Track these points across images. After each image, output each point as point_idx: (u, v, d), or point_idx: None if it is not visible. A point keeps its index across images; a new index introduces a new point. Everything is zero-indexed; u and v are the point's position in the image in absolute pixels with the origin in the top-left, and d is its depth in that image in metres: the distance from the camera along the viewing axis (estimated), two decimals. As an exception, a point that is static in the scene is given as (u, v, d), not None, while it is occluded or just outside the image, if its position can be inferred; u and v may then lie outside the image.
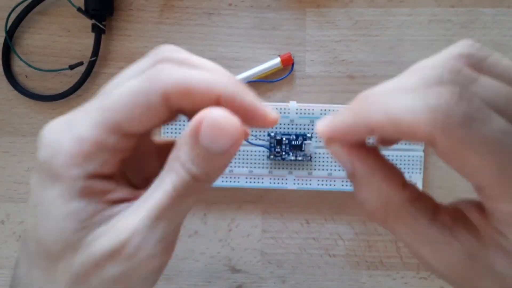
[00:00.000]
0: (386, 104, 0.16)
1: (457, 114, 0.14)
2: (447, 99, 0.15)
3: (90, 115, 0.17)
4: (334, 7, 0.33)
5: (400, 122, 0.15)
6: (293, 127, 0.31)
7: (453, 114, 0.14)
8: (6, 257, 0.33)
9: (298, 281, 0.32)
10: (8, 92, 0.34)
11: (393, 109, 0.16)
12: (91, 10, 0.32)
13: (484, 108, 0.15)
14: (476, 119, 0.15)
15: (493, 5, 0.33)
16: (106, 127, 0.17)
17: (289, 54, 0.32)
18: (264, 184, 0.31)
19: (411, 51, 0.33)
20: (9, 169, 0.33)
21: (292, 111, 0.31)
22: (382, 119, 0.16)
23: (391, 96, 0.16)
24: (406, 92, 0.16)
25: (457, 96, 0.15)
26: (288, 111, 0.31)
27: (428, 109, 0.15)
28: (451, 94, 0.15)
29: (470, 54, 0.16)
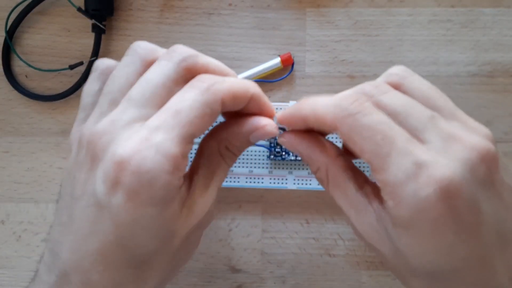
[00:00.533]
0: (313, 103, 0.23)
1: (349, 109, 0.21)
2: (347, 101, 0.21)
3: (171, 134, 0.20)
4: (334, 7, 0.33)
5: (317, 114, 0.22)
6: None
7: (346, 109, 0.21)
8: (6, 257, 0.33)
9: (298, 281, 0.32)
10: (8, 92, 0.34)
11: (316, 106, 0.22)
12: (91, 10, 0.32)
13: (369, 107, 0.21)
14: (360, 112, 0.21)
15: (493, 5, 0.33)
16: (186, 140, 0.21)
17: (289, 54, 0.32)
18: (264, 184, 0.31)
19: (411, 51, 0.33)
20: (9, 169, 0.33)
21: (292, 111, 0.31)
22: (309, 112, 0.23)
23: (319, 99, 0.23)
24: (329, 98, 0.22)
25: (354, 99, 0.21)
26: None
27: (333, 106, 0.22)
28: (350, 99, 0.21)
29: (395, 75, 0.23)
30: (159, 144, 0.20)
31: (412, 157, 0.20)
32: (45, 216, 0.33)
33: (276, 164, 0.31)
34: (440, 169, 0.19)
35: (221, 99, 0.21)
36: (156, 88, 0.21)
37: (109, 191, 0.20)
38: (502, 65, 0.33)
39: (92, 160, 0.21)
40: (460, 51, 0.33)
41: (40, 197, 0.33)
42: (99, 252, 0.20)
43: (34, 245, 0.33)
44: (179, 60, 0.22)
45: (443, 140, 0.20)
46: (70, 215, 0.21)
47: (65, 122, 0.33)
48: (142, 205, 0.20)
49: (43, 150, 0.33)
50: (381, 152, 0.20)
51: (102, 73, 0.24)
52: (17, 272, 0.33)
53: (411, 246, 0.20)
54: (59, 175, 0.33)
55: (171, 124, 0.20)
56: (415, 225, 0.20)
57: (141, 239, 0.21)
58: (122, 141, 0.20)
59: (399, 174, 0.20)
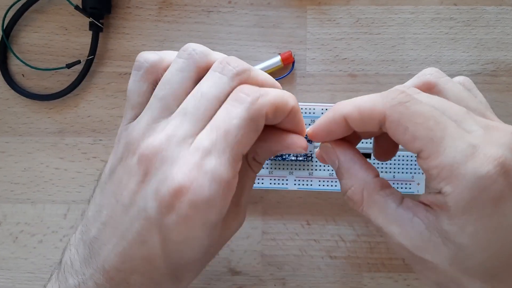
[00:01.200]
0: (354, 101, 0.23)
1: (398, 98, 0.21)
2: (393, 93, 0.22)
3: (222, 158, 0.21)
4: (335, 4, 0.32)
5: (362, 108, 0.22)
6: None
7: (396, 98, 0.21)
8: (3, 258, 0.33)
9: (298, 283, 0.32)
10: (4, 91, 0.33)
11: (359, 101, 0.22)
12: (89, 8, 0.32)
13: (416, 96, 0.22)
14: (410, 101, 0.21)
15: (496, 3, 0.32)
16: (237, 160, 0.21)
17: (290, 53, 0.32)
18: (264, 185, 0.31)
19: (414, 50, 0.32)
20: (6, 169, 0.33)
21: (292, 110, 0.31)
22: (352, 108, 0.22)
23: (358, 98, 0.23)
24: (369, 95, 0.23)
25: (400, 91, 0.22)
26: (289, 111, 0.31)
27: (381, 96, 0.22)
28: (395, 92, 0.22)
29: (429, 75, 0.24)
30: (214, 170, 0.20)
31: (466, 140, 0.20)
32: (42, 217, 0.33)
33: (276, 165, 0.31)
34: (494, 148, 0.20)
35: (265, 113, 0.22)
36: (211, 103, 0.22)
37: (162, 211, 0.21)
38: (505, 63, 0.32)
39: (144, 174, 0.21)
40: (463, 49, 0.32)
41: (37, 197, 0.33)
42: (144, 259, 0.22)
43: (31, 246, 0.33)
44: (233, 74, 0.22)
45: (483, 129, 0.21)
46: (112, 218, 0.22)
47: (62, 122, 0.33)
48: (194, 229, 0.21)
49: (40, 150, 0.33)
50: (435, 136, 0.20)
51: (147, 72, 0.24)
52: (13, 274, 0.33)
53: (474, 234, 0.20)
54: (56, 176, 0.33)
55: (222, 147, 0.21)
56: (478, 205, 0.20)
57: (186, 254, 0.22)
58: (178, 164, 0.21)
59: (458, 155, 0.20)
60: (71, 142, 0.33)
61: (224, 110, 0.22)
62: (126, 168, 0.22)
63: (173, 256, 0.22)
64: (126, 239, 0.22)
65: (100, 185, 0.24)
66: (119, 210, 0.22)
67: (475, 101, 0.23)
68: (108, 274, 0.22)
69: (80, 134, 0.33)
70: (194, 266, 0.23)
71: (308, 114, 0.31)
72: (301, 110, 0.30)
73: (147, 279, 0.22)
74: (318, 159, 0.26)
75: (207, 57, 0.23)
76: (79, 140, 0.33)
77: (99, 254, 0.22)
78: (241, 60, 0.23)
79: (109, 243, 0.22)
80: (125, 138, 0.23)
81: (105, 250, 0.22)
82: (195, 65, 0.23)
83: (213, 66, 0.23)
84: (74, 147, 0.33)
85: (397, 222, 0.22)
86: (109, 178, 0.23)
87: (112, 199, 0.23)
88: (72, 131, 0.33)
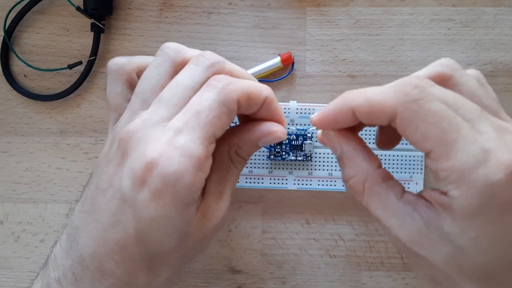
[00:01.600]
0: (365, 92, 0.22)
1: (412, 94, 0.21)
2: (408, 87, 0.21)
3: (193, 135, 0.21)
4: (334, 6, 0.33)
5: (372, 101, 0.21)
6: (293, 126, 0.31)
7: (409, 94, 0.21)
8: (5, 257, 0.33)
9: (298, 282, 0.32)
10: (6, 92, 0.33)
11: (369, 94, 0.22)
12: (90, 9, 0.32)
13: (431, 93, 0.21)
14: (424, 98, 0.20)
15: (494, 4, 0.32)
16: (208, 141, 0.22)
17: (289, 54, 0.32)
18: (264, 184, 0.31)
19: (412, 51, 0.32)
20: (8, 169, 0.33)
21: (292, 110, 0.31)
22: (361, 101, 0.22)
23: (368, 89, 0.22)
24: (382, 87, 0.22)
25: (414, 85, 0.21)
26: (288, 111, 0.31)
27: (393, 91, 0.21)
28: (410, 85, 0.21)
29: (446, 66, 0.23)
30: (184, 146, 0.21)
31: (478, 144, 0.20)
32: (44, 217, 0.33)
33: (276, 164, 0.31)
34: (506, 155, 0.19)
35: (237, 98, 0.22)
36: (186, 91, 0.23)
37: (135, 188, 0.21)
38: (504, 64, 0.32)
39: (122, 156, 0.22)
40: (461, 50, 0.32)
41: (39, 197, 0.33)
42: (118, 243, 0.22)
43: (32, 245, 0.33)
44: (207, 65, 0.23)
45: (496, 131, 0.20)
46: (93, 204, 0.23)
47: (64, 122, 0.33)
48: (165, 205, 0.21)
49: (42, 150, 0.33)
50: (447, 138, 0.20)
51: (117, 73, 0.25)
52: (15, 273, 0.33)
53: (477, 238, 0.20)
54: (58, 175, 0.33)
55: (192, 125, 0.22)
56: (485, 212, 0.20)
57: (158, 236, 0.22)
58: (150, 142, 0.21)
59: (469, 159, 0.19)
60: (73, 142, 0.33)
61: (197, 95, 0.23)
62: (108, 157, 0.23)
63: (145, 238, 0.22)
64: (101, 222, 0.22)
65: (88, 181, 0.25)
66: (98, 195, 0.23)
67: (489, 98, 0.23)
68: (84, 262, 0.22)
69: (81, 134, 0.33)
70: (169, 257, 0.23)
71: (307, 115, 0.31)
72: (299, 109, 0.31)
73: (121, 269, 0.22)
74: (318, 140, 0.26)
75: (181, 53, 0.24)
76: (80, 140, 0.33)
77: (78, 243, 0.23)
78: (216, 54, 0.24)
79: (86, 229, 0.23)
80: (111, 135, 0.25)
81: (83, 238, 0.23)
82: (170, 60, 0.24)
83: (190, 60, 0.24)
84: (75, 147, 0.33)
85: (396, 215, 0.22)
86: (95, 171, 0.24)
87: (93, 187, 0.23)
88: (74, 131, 0.33)
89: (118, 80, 0.26)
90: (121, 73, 0.26)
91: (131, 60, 0.26)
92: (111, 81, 0.26)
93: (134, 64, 0.26)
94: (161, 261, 0.23)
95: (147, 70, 0.24)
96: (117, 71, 0.26)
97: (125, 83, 0.26)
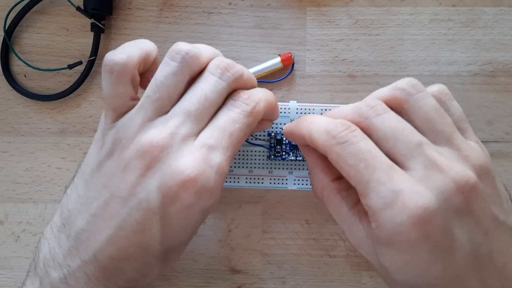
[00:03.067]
0: (310, 124, 0.25)
1: (338, 137, 0.23)
2: (338, 128, 0.23)
3: (226, 155, 0.23)
4: (334, 6, 0.33)
5: (311, 137, 0.24)
6: None
7: (335, 137, 0.23)
8: (5, 257, 0.33)
9: (298, 282, 0.32)
10: (6, 92, 0.33)
11: (311, 128, 0.25)
12: (90, 9, 0.32)
13: (357, 135, 0.23)
14: (348, 141, 0.23)
15: (494, 4, 0.32)
16: (233, 157, 0.24)
17: (290, 54, 0.32)
18: (264, 185, 0.31)
19: (412, 51, 0.32)
20: (8, 169, 0.33)
21: (292, 110, 0.31)
22: (306, 133, 0.25)
23: (316, 120, 0.25)
24: (326, 119, 0.24)
25: (344, 126, 0.23)
26: (289, 111, 0.31)
27: (325, 132, 0.24)
28: (341, 126, 0.23)
29: (401, 91, 0.24)
30: (219, 165, 0.23)
31: (390, 185, 0.22)
32: (44, 217, 0.33)
33: (276, 164, 0.31)
34: (415, 197, 0.21)
35: (261, 117, 0.25)
36: (212, 106, 0.24)
37: (165, 202, 0.22)
38: (503, 64, 0.32)
39: (146, 168, 0.23)
40: (461, 50, 0.32)
41: (39, 197, 0.33)
42: (141, 246, 0.23)
43: (33, 245, 0.33)
44: (231, 81, 0.24)
45: (425, 168, 0.22)
46: (105, 209, 0.23)
47: (64, 122, 0.33)
48: (194, 214, 0.23)
49: (42, 150, 0.33)
50: (362, 179, 0.22)
51: (120, 74, 0.24)
52: (15, 273, 0.33)
53: (392, 262, 0.22)
54: (58, 175, 0.33)
55: (226, 145, 0.23)
56: (394, 245, 0.22)
57: (181, 236, 0.24)
58: (184, 159, 0.22)
59: (378, 200, 0.22)
60: (73, 142, 0.33)
61: (227, 115, 0.24)
62: (120, 162, 0.23)
63: (170, 241, 0.24)
64: (123, 229, 0.23)
65: (85, 178, 0.25)
66: (114, 202, 0.23)
67: (444, 122, 0.24)
68: (100, 264, 0.23)
69: (81, 134, 0.33)
70: (182, 247, 0.25)
71: None
72: (299, 109, 0.31)
73: (140, 263, 0.24)
74: None
75: (199, 60, 0.24)
76: (80, 140, 0.33)
77: (88, 245, 0.23)
78: (236, 64, 0.25)
79: (101, 234, 0.23)
80: (114, 135, 0.24)
81: (96, 242, 0.23)
82: (189, 68, 0.24)
83: (211, 68, 0.24)
84: (75, 147, 0.33)
85: (346, 223, 0.25)
86: (97, 172, 0.24)
87: (103, 191, 0.23)
88: (74, 131, 0.33)
89: (122, 80, 0.24)
90: (125, 73, 0.24)
91: (130, 56, 0.24)
92: (114, 82, 0.24)
93: (136, 60, 0.24)
94: (175, 252, 0.25)
95: (162, 74, 0.24)
96: (120, 71, 0.24)
97: (130, 82, 0.24)
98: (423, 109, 0.24)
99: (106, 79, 0.24)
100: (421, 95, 0.24)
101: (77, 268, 0.23)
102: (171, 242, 0.24)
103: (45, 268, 0.24)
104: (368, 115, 0.24)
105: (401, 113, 0.24)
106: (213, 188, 0.22)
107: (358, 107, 0.24)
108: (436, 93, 0.25)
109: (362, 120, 0.24)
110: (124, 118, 0.24)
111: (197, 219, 0.24)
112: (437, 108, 0.24)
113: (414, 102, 0.24)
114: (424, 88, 0.24)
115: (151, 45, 0.26)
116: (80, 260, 0.23)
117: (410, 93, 0.24)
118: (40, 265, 0.24)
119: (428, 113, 0.23)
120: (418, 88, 0.24)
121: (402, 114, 0.24)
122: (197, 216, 0.23)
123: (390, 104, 0.24)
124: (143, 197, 0.22)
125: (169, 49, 0.24)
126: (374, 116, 0.23)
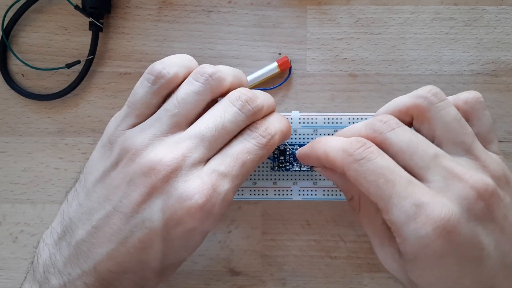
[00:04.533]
0: (325, 145, 0.25)
1: (355, 155, 0.23)
2: (354, 146, 0.23)
3: (234, 183, 0.23)
4: (335, 4, 0.32)
5: (328, 157, 0.24)
6: (296, 137, 0.30)
7: (353, 155, 0.23)
8: (3, 258, 0.33)
9: (298, 283, 0.32)
10: (4, 91, 0.33)
11: (327, 148, 0.25)
12: (89, 8, 0.32)
13: (374, 151, 0.23)
14: (365, 158, 0.23)
15: (496, 3, 0.32)
16: (241, 185, 0.24)
17: (286, 58, 0.31)
18: (268, 196, 0.30)
19: (414, 49, 0.32)
20: (5, 169, 0.33)
21: (295, 120, 0.30)
22: (322, 154, 0.25)
23: (330, 141, 0.25)
24: (340, 138, 0.25)
25: (360, 144, 0.23)
26: (291, 121, 0.30)
27: (341, 150, 0.24)
28: (357, 144, 0.23)
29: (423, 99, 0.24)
30: (226, 193, 0.23)
31: (411, 199, 0.21)
32: (41, 217, 0.33)
33: (280, 175, 0.31)
34: (438, 209, 0.21)
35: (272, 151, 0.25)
36: (228, 136, 0.24)
37: (169, 223, 0.22)
38: (506, 63, 0.32)
39: (152, 187, 0.23)
40: (463, 49, 0.32)
41: (36, 197, 0.33)
42: (141, 262, 0.23)
43: (31, 246, 0.33)
44: (251, 114, 0.24)
45: (444, 179, 0.22)
46: (107, 223, 0.23)
47: (62, 122, 0.33)
48: (195, 236, 0.23)
49: (39, 150, 0.33)
50: (383, 194, 0.22)
51: (161, 88, 0.25)
52: (13, 274, 0.33)
53: (421, 277, 0.22)
54: (56, 176, 0.33)
55: (236, 174, 0.23)
56: (421, 259, 0.22)
57: (182, 256, 0.25)
58: (194, 184, 0.22)
59: (401, 215, 0.22)
60: (71, 142, 0.33)
61: (242, 144, 0.24)
62: (125, 176, 0.23)
63: (170, 259, 0.24)
64: (124, 245, 0.23)
65: (87, 187, 0.24)
66: (116, 217, 0.23)
67: (464, 131, 0.23)
68: (99, 275, 0.23)
69: (79, 134, 0.33)
70: (180, 263, 0.26)
71: (310, 125, 0.30)
72: (301, 119, 0.30)
73: (139, 277, 0.24)
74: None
75: (223, 84, 0.25)
76: (78, 140, 0.33)
77: (88, 256, 0.23)
78: (257, 97, 0.25)
79: (102, 247, 0.23)
80: (123, 143, 0.24)
81: (97, 254, 0.23)
82: (211, 90, 0.25)
83: (232, 98, 0.25)
84: (73, 147, 0.33)
85: (378, 236, 0.25)
86: (100, 182, 0.24)
87: (105, 204, 0.23)
88: (72, 131, 0.33)
89: (160, 93, 0.25)
90: (165, 87, 0.25)
91: (177, 73, 0.25)
92: (152, 91, 0.25)
93: (180, 79, 0.25)
94: (174, 267, 0.26)
95: (184, 91, 0.24)
96: (163, 85, 0.25)
97: (164, 97, 0.25)
98: (444, 118, 0.23)
99: (145, 87, 0.25)
100: (443, 104, 0.24)
101: (77, 277, 0.23)
102: (171, 260, 0.24)
103: (45, 274, 0.24)
104: (382, 130, 0.24)
105: (422, 121, 0.24)
106: (217, 214, 0.23)
107: (371, 123, 0.24)
108: (470, 100, 0.25)
109: (376, 135, 0.24)
110: (138, 128, 0.24)
111: (197, 240, 0.24)
112: (458, 118, 0.24)
113: (436, 111, 0.24)
114: (445, 97, 0.24)
115: (195, 64, 0.26)
116: (80, 270, 0.23)
117: (432, 101, 0.24)
118: (39, 271, 0.24)
119: (449, 123, 0.23)
120: (440, 97, 0.24)
121: (423, 123, 0.24)
122: (198, 237, 0.24)
123: (411, 112, 0.24)
124: (147, 216, 0.23)
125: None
126: (388, 131, 0.23)
